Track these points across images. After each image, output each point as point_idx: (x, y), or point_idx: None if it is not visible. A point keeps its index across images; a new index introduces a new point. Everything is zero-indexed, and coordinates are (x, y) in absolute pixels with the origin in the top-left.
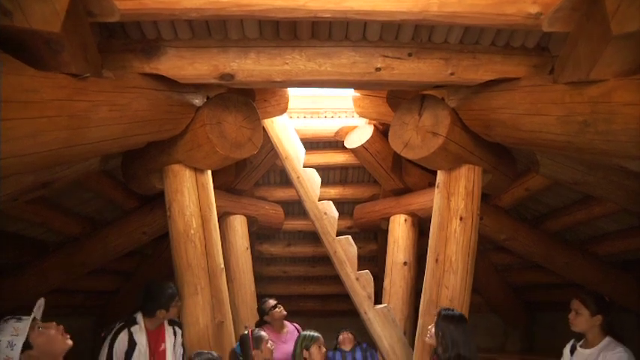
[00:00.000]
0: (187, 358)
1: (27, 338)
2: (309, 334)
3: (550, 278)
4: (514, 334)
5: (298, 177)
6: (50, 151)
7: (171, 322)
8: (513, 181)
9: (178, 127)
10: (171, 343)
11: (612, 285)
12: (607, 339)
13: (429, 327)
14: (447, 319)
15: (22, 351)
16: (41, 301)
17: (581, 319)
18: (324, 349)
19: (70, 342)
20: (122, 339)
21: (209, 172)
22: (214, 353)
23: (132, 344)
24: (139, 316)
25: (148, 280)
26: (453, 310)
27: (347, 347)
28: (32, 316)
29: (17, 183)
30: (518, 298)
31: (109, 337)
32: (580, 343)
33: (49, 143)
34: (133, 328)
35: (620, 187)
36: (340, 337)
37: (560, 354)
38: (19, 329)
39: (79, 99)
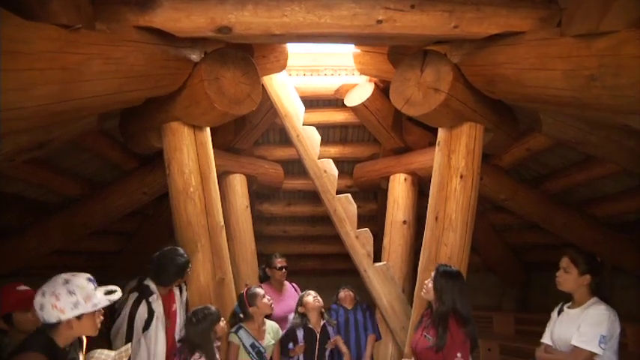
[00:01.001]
0: (186, 317)
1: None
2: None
3: (548, 239)
4: (511, 293)
5: (298, 135)
6: (43, 106)
7: None
8: (515, 141)
9: (175, 82)
10: (179, 302)
11: (610, 246)
12: (593, 299)
13: (426, 282)
14: (445, 275)
15: (83, 315)
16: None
17: (569, 277)
18: (318, 298)
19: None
20: (142, 311)
21: (208, 129)
22: (212, 307)
23: (150, 313)
24: (153, 285)
25: (157, 253)
26: (451, 267)
27: (348, 305)
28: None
29: (13, 143)
30: (516, 258)
31: (127, 309)
32: (568, 304)
33: (41, 97)
34: (151, 298)
35: (622, 147)
36: (341, 293)
37: None
38: (90, 298)
39: (71, 51)
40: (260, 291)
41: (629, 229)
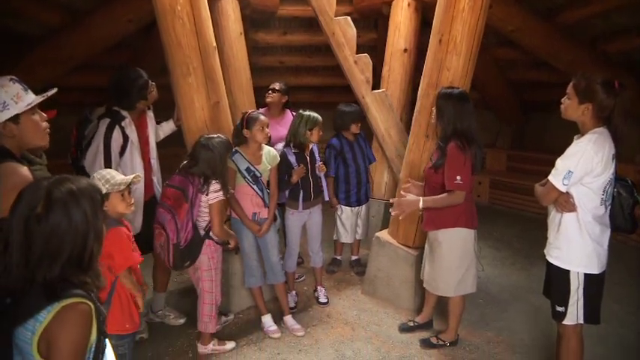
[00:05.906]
0: (195, 142)
1: (20, 112)
2: (314, 117)
3: (552, 77)
4: (507, 131)
5: None
6: None
7: None
8: None
9: None
10: (151, 125)
11: None
12: (595, 130)
13: (433, 107)
14: (444, 96)
15: (7, 120)
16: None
17: (569, 105)
18: (321, 132)
19: (46, 144)
20: (116, 137)
21: None
22: (222, 135)
23: (125, 139)
24: (123, 111)
25: (113, 75)
26: (453, 88)
27: (351, 137)
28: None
29: None
30: (516, 97)
31: (101, 136)
32: (577, 135)
33: None
34: (124, 123)
35: None
36: (353, 126)
37: (549, 152)
38: (20, 97)
39: None
40: (263, 119)
41: (635, 67)
